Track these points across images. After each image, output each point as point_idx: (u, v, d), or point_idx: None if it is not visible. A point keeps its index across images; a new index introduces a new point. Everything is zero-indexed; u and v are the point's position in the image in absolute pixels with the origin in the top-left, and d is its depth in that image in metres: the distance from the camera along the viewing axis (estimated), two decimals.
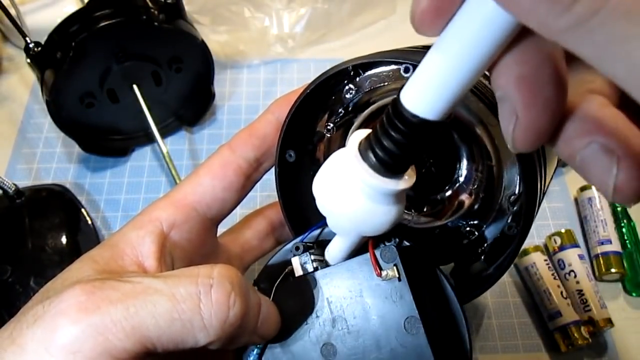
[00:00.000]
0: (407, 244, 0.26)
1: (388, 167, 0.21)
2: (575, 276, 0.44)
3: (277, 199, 0.32)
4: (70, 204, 0.47)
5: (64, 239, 0.44)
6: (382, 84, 0.29)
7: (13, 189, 0.44)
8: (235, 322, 0.23)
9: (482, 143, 0.28)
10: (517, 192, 0.28)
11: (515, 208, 0.28)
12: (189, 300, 0.22)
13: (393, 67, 0.28)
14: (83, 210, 0.47)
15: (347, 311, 0.26)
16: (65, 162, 0.52)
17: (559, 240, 0.46)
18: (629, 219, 0.47)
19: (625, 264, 0.45)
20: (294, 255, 0.28)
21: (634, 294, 0.45)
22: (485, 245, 0.29)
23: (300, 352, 0.26)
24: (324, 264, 0.27)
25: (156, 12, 0.45)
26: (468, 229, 0.30)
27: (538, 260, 0.45)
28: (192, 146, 0.54)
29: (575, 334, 0.41)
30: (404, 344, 0.24)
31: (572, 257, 0.45)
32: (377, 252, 0.25)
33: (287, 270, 0.28)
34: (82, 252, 0.44)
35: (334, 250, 0.26)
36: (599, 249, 0.46)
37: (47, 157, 0.53)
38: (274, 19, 0.60)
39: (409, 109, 0.19)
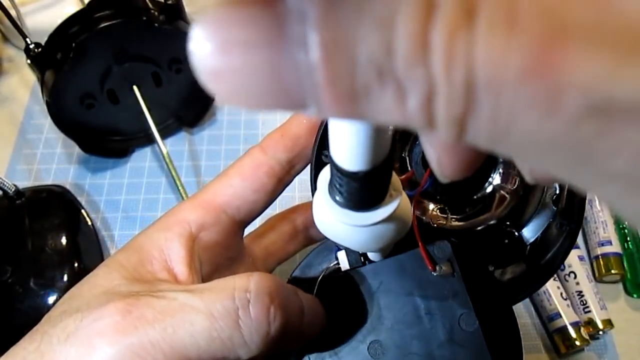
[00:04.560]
0: (454, 241, 0.26)
1: (352, 206, 0.20)
2: (575, 277, 0.44)
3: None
4: (70, 204, 0.47)
5: (63, 240, 0.44)
6: None
7: (13, 189, 0.44)
8: (277, 336, 0.22)
9: None
10: (558, 189, 0.27)
11: (559, 205, 0.27)
12: (227, 318, 0.22)
13: None
14: (83, 211, 0.47)
15: (396, 307, 0.25)
16: (65, 163, 0.52)
17: None
18: None
19: (625, 265, 0.45)
20: (339, 250, 0.27)
21: (635, 295, 0.45)
22: (527, 245, 0.29)
23: (346, 351, 0.25)
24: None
25: (156, 13, 0.45)
26: (508, 229, 0.30)
27: None
28: (192, 147, 0.54)
29: (575, 335, 0.41)
30: (458, 341, 0.24)
31: (572, 258, 0.45)
32: (431, 248, 0.25)
33: (331, 265, 0.27)
34: (82, 252, 0.45)
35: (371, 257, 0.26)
36: (599, 250, 0.46)
37: (47, 158, 0.53)
38: None
39: (341, 166, 0.18)
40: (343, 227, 0.21)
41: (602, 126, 0.08)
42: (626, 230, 0.47)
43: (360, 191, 0.19)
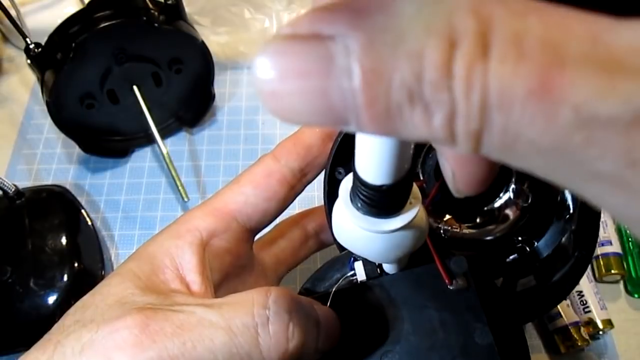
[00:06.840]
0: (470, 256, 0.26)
1: (374, 212, 0.21)
2: None
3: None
4: (70, 204, 0.47)
5: (63, 240, 0.44)
6: None
7: (13, 189, 0.44)
8: (295, 352, 0.23)
9: None
10: (572, 210, 0.27)
11: (572, 227, 0.27)
12: (246, 334, 0.22)
13: None
14: (83, 211, 0.47)
15: (411, 319, 0.25)
16: (65, 163, 0.52)
17: None
18: None
19: (625, 266, 0.45)
20: (355, 260, 0.27)
21: (636, 295, 0.45)
22: (537, 261, 0.29)
23: None
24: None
25: (156, 13, 0.45)
26: (520, 244, 0.30)
27: None
28: (192, 147, 0.54)
29: (575, 335, 0.41)
30: (471, 353, 0.24)
31: None
32: (448, 262, 0.25)
33: (346, 275, 0.27)
34: (82, 252, 0.45)
35: (386, 269, 0.27)
36: (599, 250, 0.46)
37: (47, 158, 0.53)
38: (274, 20, 0.60)
39: (366, 181, 0.19)
40: (364, 235, 0.21)
41: (588, 135, 0.10)
42: (627, 231, 0.47)
43: (383, 201, 0.20)
